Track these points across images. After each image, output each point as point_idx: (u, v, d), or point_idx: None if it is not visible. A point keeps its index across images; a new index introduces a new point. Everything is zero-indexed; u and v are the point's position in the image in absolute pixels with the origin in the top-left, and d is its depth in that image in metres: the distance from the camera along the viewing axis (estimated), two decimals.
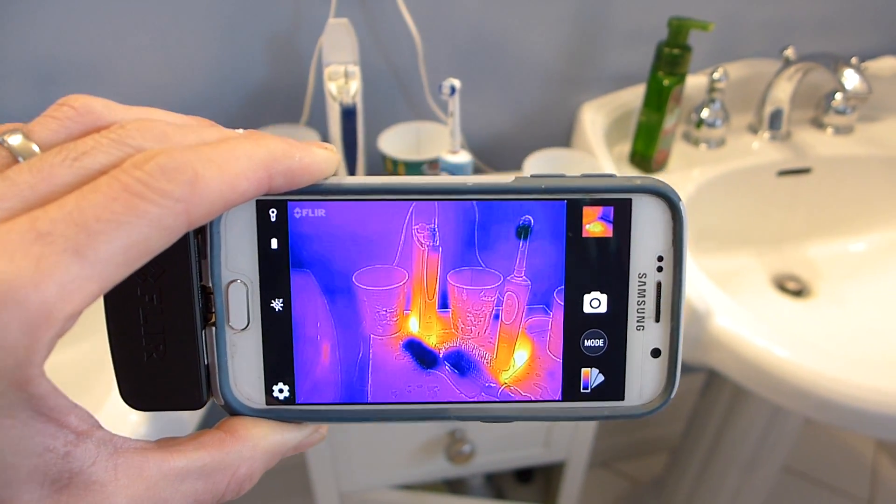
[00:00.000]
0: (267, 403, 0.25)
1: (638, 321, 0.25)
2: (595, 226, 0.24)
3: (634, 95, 0.90)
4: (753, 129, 0.94)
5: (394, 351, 0.25)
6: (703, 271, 0.72)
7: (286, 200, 0.23)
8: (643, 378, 0.25)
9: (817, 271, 0.92)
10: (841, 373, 0.61)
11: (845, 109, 0.94)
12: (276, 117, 0.84)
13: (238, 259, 0.23)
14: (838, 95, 0.94)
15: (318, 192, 0.23)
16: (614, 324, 0.25)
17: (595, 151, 0.83)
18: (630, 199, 0.24)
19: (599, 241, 0.24)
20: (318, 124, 0.84)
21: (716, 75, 0.87)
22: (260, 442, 0.23)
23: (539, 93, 0.91)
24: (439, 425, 0.80)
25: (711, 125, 0.90)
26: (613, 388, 0.25)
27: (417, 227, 0.24)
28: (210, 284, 0.23)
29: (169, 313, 0.22)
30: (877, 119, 0.98)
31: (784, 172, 0.90)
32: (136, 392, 0.23)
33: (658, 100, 0.81)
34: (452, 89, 0.62)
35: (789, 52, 0.88)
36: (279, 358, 0.24)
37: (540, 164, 0.78)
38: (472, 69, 0.86)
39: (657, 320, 0.25)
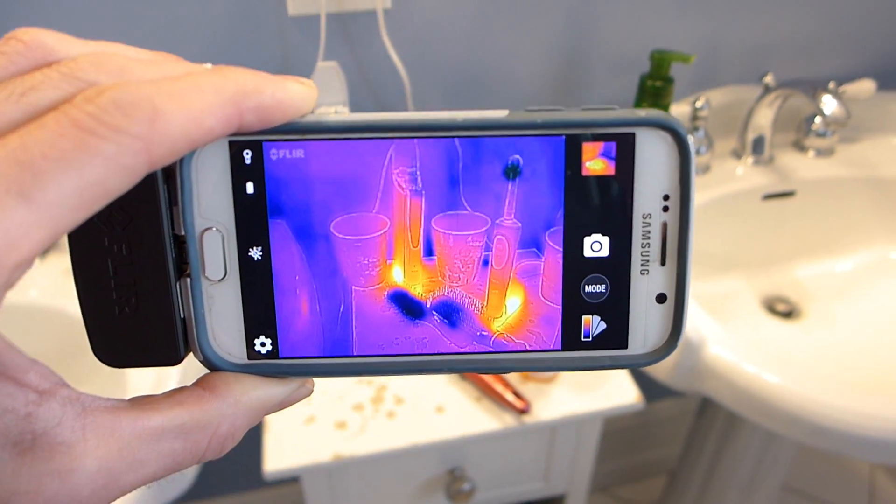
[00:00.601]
0: (249, 358, 0.23)
1: (642, 265, 0.23)
2: (596, 163, 0.22)
3: None
4: (737, 155, 0.96)
5: (378, 302, 0.24)
6: (694, 298, 0.73)
7: (261, 140, 0.22)
8: (647, 325, 0.24)
9: (806, 292, 0.93)
10: (833, 398, 0.62)
11: (825, 132, 0.96)
12: None
13: (212, 205, 0.22)
14: (818, 119, 0.96)
15: (294, 130, 0.22)
16: (617, 268, 0.23)
17: None
18: (633, 134, 0.22)
19: (600, 180, 0.23)
20: None
21: (698, 104, 0.89)
22: (242, 398, 0.22)
23: None
24: (438, 462, 0.80)
25: (696, 153, 0.91)
26: (616, 335, 0.24)
27: (398, 170, 0.23)
28: (183, 233, 0.22)
29: (140, 264, 0.21)
30: (856, 140, 1.00)
31: (769, 196, 0.92)
32: (109, 347, 0.22)
33: None
34: None
35: (768, 79, 0.90)
36: (260, 310, 0.23)
37: None
38: (459, 103, 0.88)
39: (662, 263, 0.23)
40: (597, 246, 0.23)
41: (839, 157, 0.97)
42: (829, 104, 0.81)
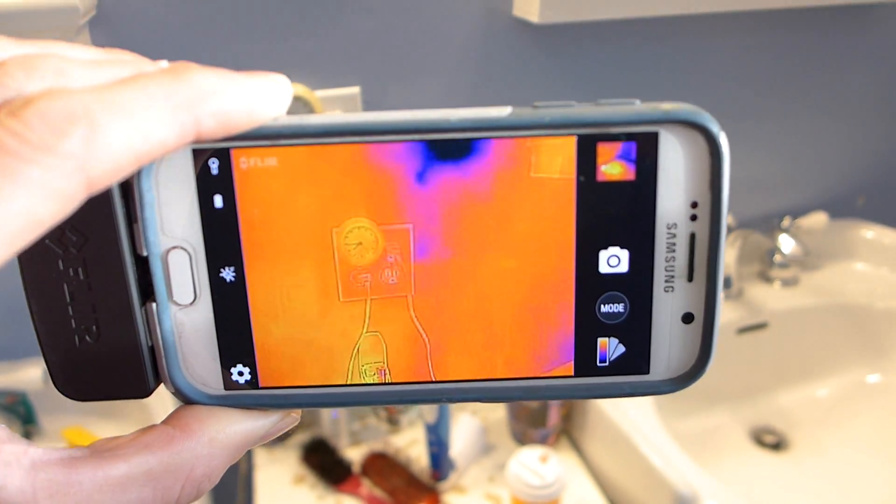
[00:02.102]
0: (226, 388, 0.21)
1: (666, 281, 0.21)
2: (613, 167, 0.20)
3: None
4: None
5: None
6: (681, 439, 0.74)
7: (228, 148, 0.19)
8: (672, 348, 0.21)
9: (791, 421, 0.95)
10: None
11: (787, 263, 1.00)
12: None
13: (177, 222, 0.20)
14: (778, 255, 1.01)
15: (265, 136, 0.19)
16: (637, 285, 0.21)
17: None
18: (657, 133, 0.20)
19: (619, 186, 0.20)
20: None
21: None
22: (218, 436, 0.19)
23: None
24: None
25: None
26: (636, 359, 0.21)
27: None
28: (145, 253, 0.20)
29: (99, 289, 0.19)
30: (818, 267, 1.04)
31: (743, 330, 0.95)
32: (71, 380, 0.20)
33: None
34: None
35: (728, 219, 0.95)
36: (236, 336, 0.21)
37: None
38: None
39: (690, 279, 0.21)
40: (614, 261, 0.21)
41: (804, 285, 1.01)
42: (786, 243, 0.86)
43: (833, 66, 0.98)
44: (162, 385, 0.21)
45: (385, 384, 0.22)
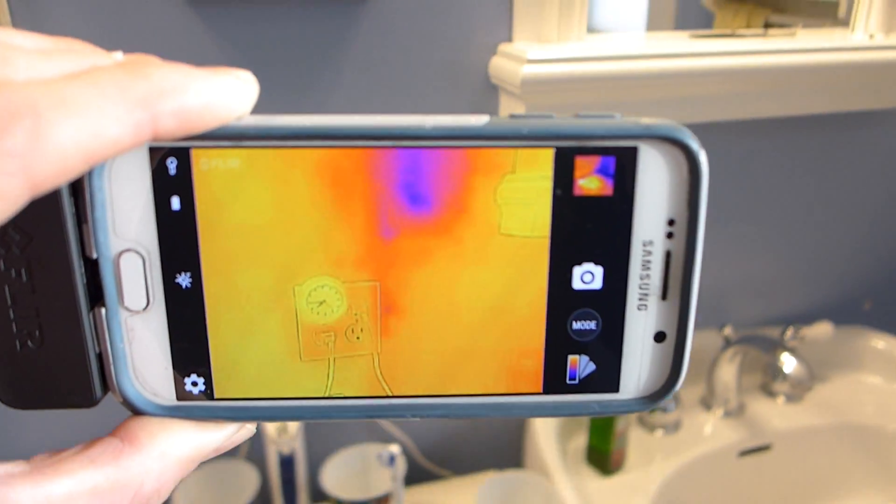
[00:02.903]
0: (178, 398, 0.20)
1: (640, 299, 0.21)
2: (590, 181, 0.20)
3: None
4: (706, 405, 0.93)
5: None
6: None
7: (188, 147, 0.18)
8: (643, 367, 0.21)
9: None
10: None
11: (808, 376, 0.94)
12: None
13: (130, 223, 0.19)
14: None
15: (228, 136, 0.18)
16: (610, 302, 0.21)
17: (549, 467, 0.80)
18: (636, 148, 0.19)
19: (595, 201, 0.20)
20: (258, 458, 0.80)
21: None
22: (169, 449, 0.19)
23: None
24: None
25: (664, 410, 0.88)
26: (607, 378, 0.21)
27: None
28: (95, 256, 0.18)
29: (43, 292, 0.18)
30: (824, 379, 0.98)
31: (745, 452, 0.88)
32: (12, 387, 0.19)
33: None
34: (391, 459, 0.60)
35: (728, 332, 0.90)
36: (191, 344, 0.20)
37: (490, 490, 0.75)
38: None
39: (664, 297, 0.20)
40: (588, 277, 0.20)
41: (810, 401, 0.94)
42: (788, 363, 0.80)
43: (836, 169, 0.93)
44: (110, 394, 0.20)
45: (346, 398, 0.21)
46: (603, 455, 0.83)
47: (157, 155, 0.18)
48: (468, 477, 0.90)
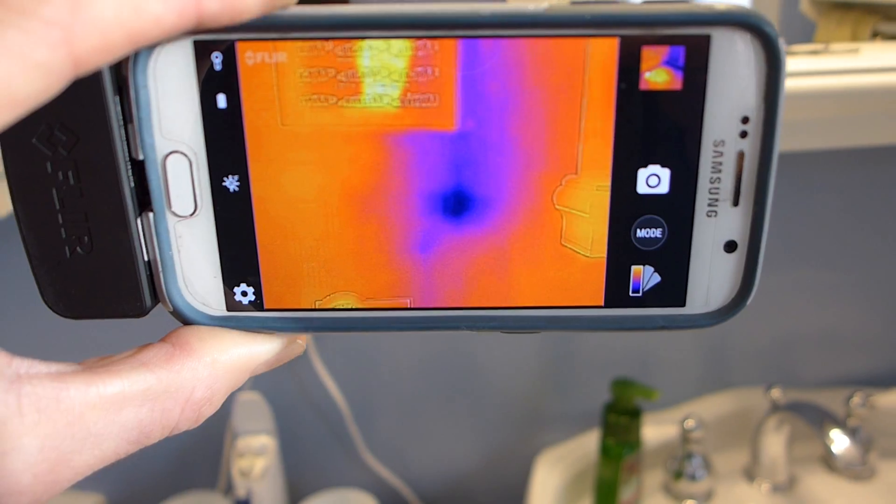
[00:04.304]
0: (228, 309, 0.20)
1: (709, 205, 0.19)
2: (658, 73, 0.18)
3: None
4: (749, 475, 0.80)
5: None
6: None
7: (233, 40, 0.18)
8: (711, 278, 0.20)
9: None
10: None
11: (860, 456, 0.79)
12: (194, 482, 0.77)
13: (176, 123, 0.18)
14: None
15: (275, 26, 0.17)
16: (678, 208, 0.19)
17: None
18: (709, 36, 0.18)
19: (663, 96, 0.18)
20: None
21: (688, 425, 0.76)
22: (220, 356, 0.18)
23: (497, 433, 0.82)
24: None
25: (692, 478, 0.77)
26: (672, 290, 0.20)
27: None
28: (141, 157, 0.18)
29: (91, 196, 0.18)
30: None
31: None
32: (61, 295, 0.19)
33: (611, 469, 0.70)
34: None
35: (776, 394, 0.77)
36: (240, 252, 0.20)
37: None
38: (416, 414, 0.79)
39: (735, 203, 0.19)
40: (654, 180, 0.19)
41: (881, 481, 0.79)
42: (839, 441, 0.67)
43: None
44: (160, 306, 0.20)
45: (402, 309, 0.20)
46: None
47: (202, 49, 0.18)
48: None
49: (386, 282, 0.20)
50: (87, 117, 0.17)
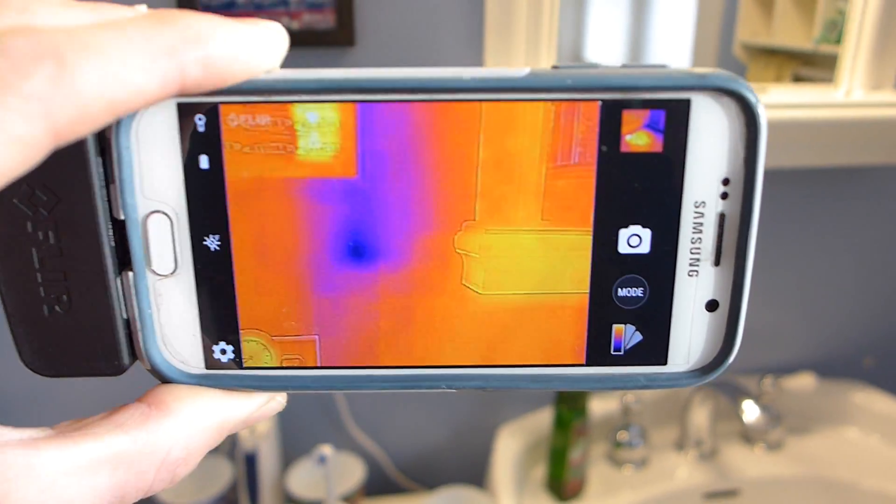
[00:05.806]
0: (207, 367, 0.20)
1: (691, 265, 0.19)
2: (639, 136, 0.18)
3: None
4: (679, 446, 0.94)
5: None
6: None
7: (217, 103, 0.18)
8: (693, 337, 0.20)
9: None
10: None
11: (767, 428, 0.94)
12: None
13: (158, 183, 0.18)
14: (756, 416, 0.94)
15: (258, 90, 0.17)
16: (659, 268, 0.19)
17: (500, 490, 0.83)
18: (688, 101, 0.18)
19: (644, 158, 0.18)
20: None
21: (627, 399, 0.89)
22: (197, 416, 0.18)
23: (465, 408, 0.94)
24: None
25: (630, 446, 0.90)
26: (654, 349, 0.20)
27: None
28: (123, 217, 0.18)
29: (71, 255, 0.18)
30: (809, 431, 0.97)
31: (710, 495, 0.89)
32: (39, 353, 0.18)
33: (563, 432, 0.83)
34: (322, 459, 0.65)
35: None
36: (219, 310, 0.19)
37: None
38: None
39: (716, 263, 0.19)
40: (635, 240, 0.19)
41: (788, 451, 0.93)
42: (750, 411, 0.81)
43: (839, 221, 0.94)
44: (138, 364, 0.20)
45: (380, 367, 0.20)
46: (558, 482, 0.86)
47: (186, 112, 0.18)
48: (429, 493, 0.94)
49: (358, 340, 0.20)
50: (69, 178, 0.17)
